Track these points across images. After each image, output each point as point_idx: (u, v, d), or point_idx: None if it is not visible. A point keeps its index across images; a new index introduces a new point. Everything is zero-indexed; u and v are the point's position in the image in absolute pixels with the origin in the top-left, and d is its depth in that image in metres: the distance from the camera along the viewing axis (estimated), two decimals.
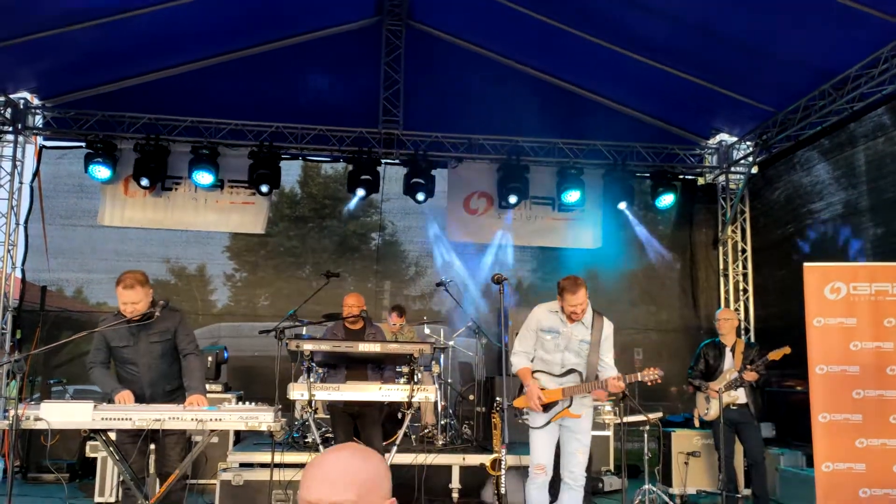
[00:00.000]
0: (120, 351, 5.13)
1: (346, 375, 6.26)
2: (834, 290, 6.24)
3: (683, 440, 8.00)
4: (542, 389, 5.26)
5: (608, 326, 5.32)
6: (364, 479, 1.67)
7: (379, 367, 6.34)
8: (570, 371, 5.29)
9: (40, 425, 4.51)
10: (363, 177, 9.74)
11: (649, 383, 5.27)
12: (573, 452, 5.25)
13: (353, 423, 6.37)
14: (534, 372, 5.35)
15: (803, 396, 6.95)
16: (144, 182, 9.56)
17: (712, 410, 7.04)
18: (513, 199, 10.05)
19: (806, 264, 6.37)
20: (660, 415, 7.47)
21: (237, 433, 7.60)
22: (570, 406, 5.27)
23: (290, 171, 10.59)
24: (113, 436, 5.05)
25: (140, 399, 5.05)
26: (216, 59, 9.58)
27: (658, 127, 10.36)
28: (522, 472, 6.67)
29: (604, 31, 8.59)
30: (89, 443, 7.49)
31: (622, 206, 10.22)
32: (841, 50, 7.57)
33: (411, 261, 11.04)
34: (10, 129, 9.57)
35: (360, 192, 9.81)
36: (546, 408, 5.27)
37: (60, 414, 4.60)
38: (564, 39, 8.82)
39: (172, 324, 5.17)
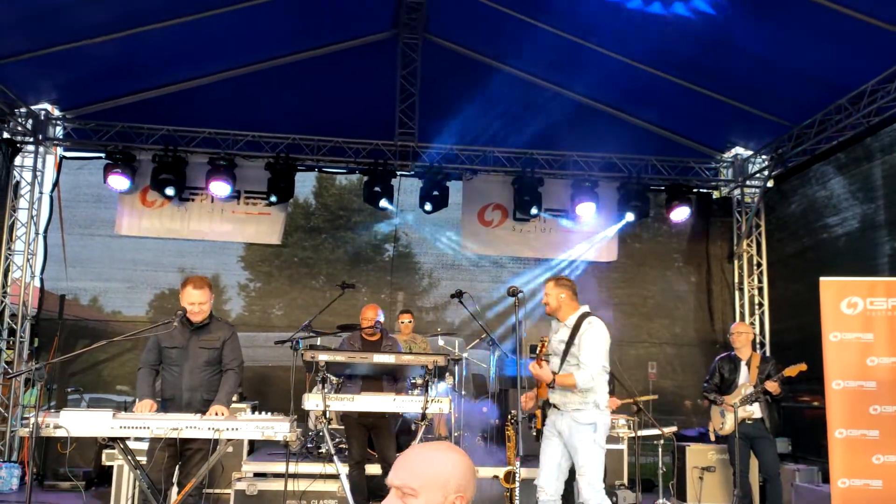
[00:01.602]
0: (169, 352, 5.31)
1: (361, 386, 6.28)
2: (850, 305, 6.21)
3: (698, 455, 7.96)
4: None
5: (586, 325, 5.17)
6: (432, 471, 1.84)
7: (394, 378, 6.36)
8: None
9: (60, 433, 4.57)
10: (378, 188, 9.81)
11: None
12: (577, 475, 5.19)
13: (368, 435, 6.39)
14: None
15: (819, 412, 6.91)
16: (167, 192, 9.68)
17: (727, 425, 7.01)
18: (527, 212, 10.08)
19: (822, 279, 6.35)
20: (674, 429, 7.45)
21: (251, 443, 7.64)
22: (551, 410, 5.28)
23: (305, 182, 10.66)
24: (143, 445, 5.16)
25: (177, 402, 5.21)
26: (234, 72, 9.67)
27: (673, 140, 10.36)
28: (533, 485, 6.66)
29: (619, 44, 8.62)
30: (105, 451, 7.54)
31: (636, 219, 10.21)
32: (857, 65, 7.56)
33: (425, 272, 11.07)
34: (31, 139, 9.70)
35: (383, 203, 9.90)
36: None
37: (80, 422, 4.64)
38: (580, 53, 8.85)
39: (223, 335, 5.38)
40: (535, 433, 5.56)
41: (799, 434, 8.91)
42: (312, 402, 5.72)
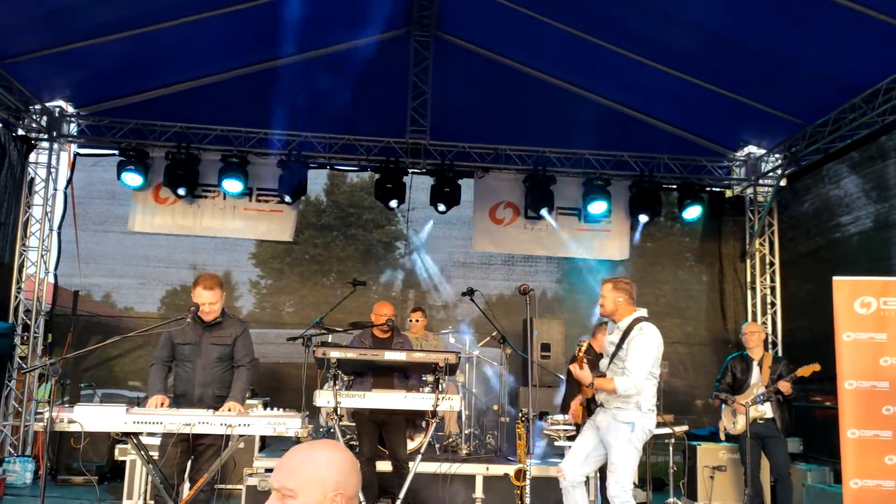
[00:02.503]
0: (182, 348, 5.37)
1: (372, 383, 6.29)
2: (864, 305, 6.17)
3: (709, 454, 7.94)
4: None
5: (636, 330, 5.20)
6: (308, 471, 1.85)
7: (405, 375, 6.37)
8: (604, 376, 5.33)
9: (74, 428, 4.61)
10: (389, 185, 9.83)
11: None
12: (608, 470, 5.23)
13: (379, 432, 6.41)
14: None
15: (831, 412, 6.88)
16: (177, 190, 9.74)
17: (739, 424, 6.99)
18: (539, 210, 10.07)
19: (835, 278, 6.31)
20: (685, 428, 7.43)
21: (263, 439, 7.67)
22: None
23: (317, 180, 10.69)
24: (156, 440, 5.21)
25: (189, 398, 5.27)
26: (246, 70, 9.71)
27: (686, 139, 10.32)
28: (543, 482, 6.67)
29: (633, 42, 8.59)
30: (118, 446, 7.59)
31: (646, 218, 10.18)
32: (871, 63, 7.51)
33: (436, 270, 11.08)
34: (46, 136, 9.77)
35: (393, 203, 9.93)
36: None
37: (93, 417, 4.68)
38: (592, 51, 8.83)
39: (235, 331, 5.43)
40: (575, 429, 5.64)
41: (811, 434, 8.87)
42: (324, 398, 5.74)
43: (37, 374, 9.34)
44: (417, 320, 8.30)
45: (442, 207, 10.00)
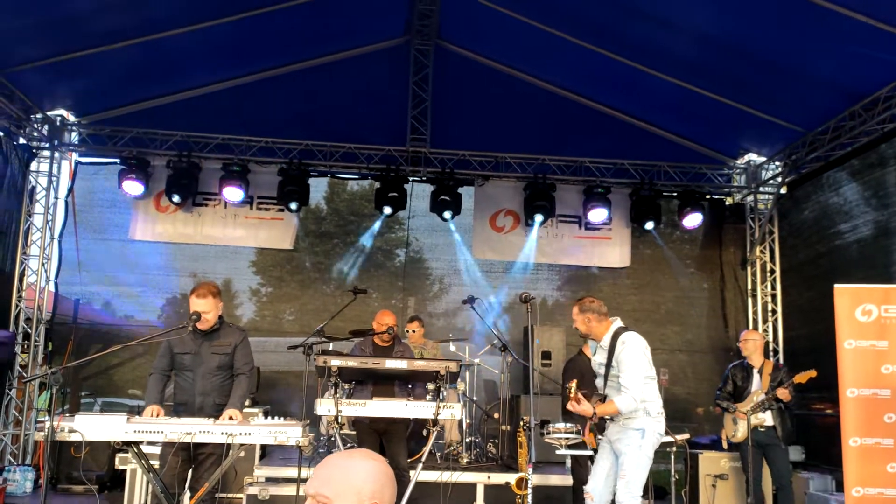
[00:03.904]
0: (181, 358, 5.38)
1: (372, 391, 6.29)
2: (865, 313, 6.18)
3: (711, 462, 7.92)
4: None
5: (619, 345, 5.18)
6: (345, 479, 1.86)
7: (407, 383, 6.36)
8: (604, 397, 5.32)
9: (75, 437, 4.61)
10: (390, 194, 9.83)
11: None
12: (618, 475, 5.22)
13: (379, 440, 6.39)
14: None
15: (833, 419, 6.87)
16: (176, 198, 9.76)
17: (739, 432, 6.98)
18: (539, 218, 10.09)
19: (836, 286, 6.31)
20: (687, 436, 7.40)
21: (263, 447, 7.66)
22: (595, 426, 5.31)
23: (317, 188, 10.67)
24: (156, 449, 5.21)
25: (190, 407, 5.28)
26: (247, 78, 9.73)
27: (686, 146, 10.34)
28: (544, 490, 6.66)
29: (631, 50, 8.62)
30: (119, 455, 7.58)
31: (649, 225, 10.20)
32: (871, 71, 7.52)
33: (436, 277, 11.07)
34: (47, 145, 9.78)
35: (387, 210, 9.92)
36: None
37: (94, 426, 4.68)
38: (592, 59, 8.86)
39: (234, 340, 5.44)
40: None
41: (813, 442, 8.85)
42: (325, 407, 5.74)
43: (37, 382, 9.32)
44: (414, 331, 8.29)
45: (447, 214, 10.00)
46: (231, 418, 4.97)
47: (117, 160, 9.89)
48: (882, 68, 7.41)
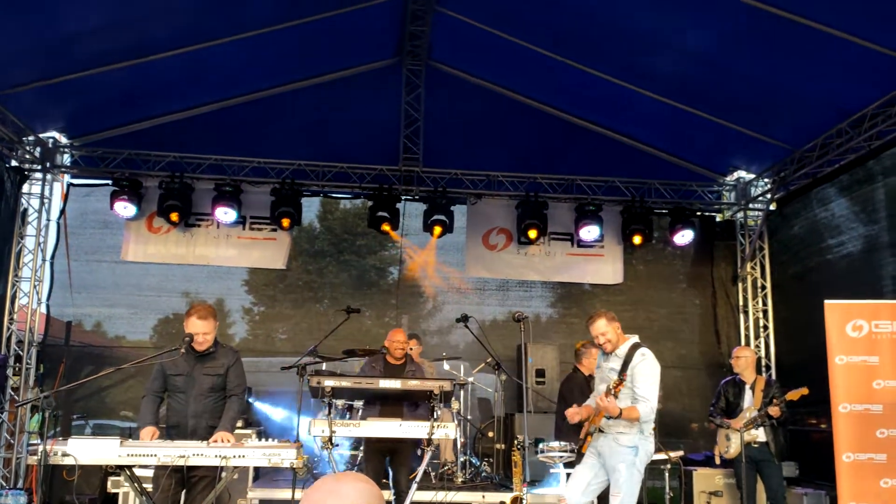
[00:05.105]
0: (174, 380, 5.37)
1: (379, 411, 6.29)
2: (856, 328, 6.23)
3: (705, 479, 7.93)
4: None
5: (639, 356, 5.26)
6: (334, 502, 1.83)
7: (416, 404, 6.37)
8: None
9: (68, 461, 4.59)
10: (382, 213, 9.86)
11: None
12: (611, 493, 5.22)
13: (385, 460, 6.39)
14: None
15: (826, 435, 6.89)
16: (172, 220, 9.75)
17: (732, 448, 7.00)
18: (532, 235, 10.12)
19: (827, 301, 6.37)
20: (681, 453, 7.41)
21: (256, 469, 7.62)
22: (594, 433, 5.30)
23: (309, 206, 10.67)
24: (149, 472, 5.19)
25: (183, 429, 5.25)
26: (240, 99, 9.76)
27: (675, 164, 10.41)
28: None
29: (620, 69, 8.70)
30: (111, 478, 7.53)
31: (639, 241, 10.22)
32: (857, 89, 7.62)
33: (430, 296, 11.08)
34: (39, 167, 9.76)
35: (385, 228, 9.96)
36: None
37: (87, 450, 4.66)
38: (582, 78, 8.93)
39: (227, 361, 5.44)
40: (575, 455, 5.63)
41: (806, 458, 8.85)
42: (318, 428, 5.73)
43: (29, 406, 9.25)
44: (412, 348, 8.29)
45: (439, 232, 10.02)
46: (223, 441, 4.94)
47: (109, 181, 9.89)
48: (868, 86, 7.51)
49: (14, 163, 9.57)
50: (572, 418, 5.46)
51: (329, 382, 5.90)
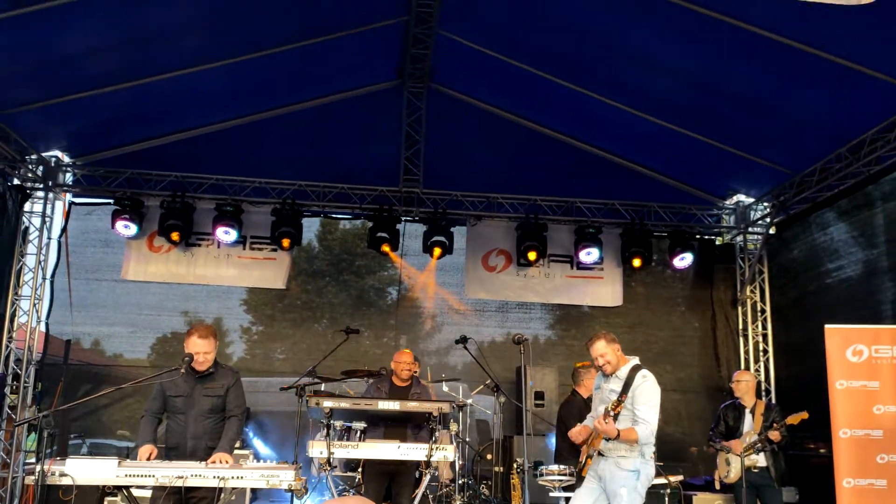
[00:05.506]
0: (173, 400, 5.35)
1: (384, 433, 6.27)
2: (856, 353, 6.23)
3: None
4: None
5: (640, 378, 5.23)
6: None
7: (419, 426, 6.34)
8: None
9: (65, 481, 4.57)
10: (382, 234, 9.88)
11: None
12: None
13: (386, 482, 6.35)
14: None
15: (826, 460, 6.86)
16: (173, 239, 9.77)
17: (732, 473, 6.96)
18: (531, 257, 10.14)
19: (827, 326, 6.37)
20: (681, 477, 7.38)
21: (253, 490, 7.58)
22: (594, 456, 5.28)
23: (309, 226, 10.68)
24: (146, 493, 5.16)
25: (182, 450, 5.24)
26: (242, 120, 9.81)
27: (675, 187, 10.45)
28: None
29: (622, 93, 8.76)
30: (108, 498, 7.47)
31: (638, 263, 10.23)
32: (856, 114, 7.67)
33: (429, 316, 11.06)
34: (41, 186, 9.81)
35: (386, 248, 9.98)
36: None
37: (85, 470, 4.65)
38: (581, 101, 8.99)
39: (227, 382, 5.43)
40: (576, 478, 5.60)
41: (807, 483, 8.79)
42: (317, 449, 5.71)
43: (26, 425, 9.21)
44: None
45: (438, 254, 10.04)
46: (221, 462, 4.92)
47: (111, 201, 9.92)
48: (866, 112, 7.56)
49: (16, 181, 9.62)
50: (576, 438, 5.43)
51: (327, 403, 5.89)
